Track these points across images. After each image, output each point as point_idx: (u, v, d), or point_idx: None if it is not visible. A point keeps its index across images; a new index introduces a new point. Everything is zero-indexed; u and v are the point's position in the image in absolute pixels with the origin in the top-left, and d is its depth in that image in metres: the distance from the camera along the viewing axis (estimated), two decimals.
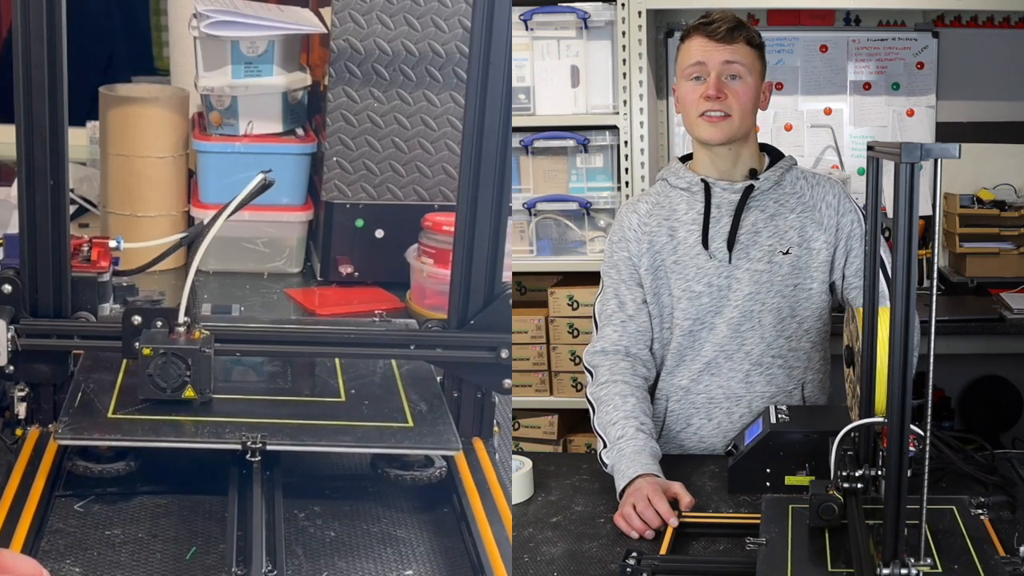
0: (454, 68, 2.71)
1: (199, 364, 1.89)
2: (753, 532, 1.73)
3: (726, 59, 2.20)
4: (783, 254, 2.25)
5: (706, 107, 2.20)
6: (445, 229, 2.54)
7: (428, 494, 1.93)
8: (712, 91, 2.19)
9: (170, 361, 1.88)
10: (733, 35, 2.21)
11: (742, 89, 2.21)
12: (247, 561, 1.62)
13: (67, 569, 1.62)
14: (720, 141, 2.23)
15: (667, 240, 2.28)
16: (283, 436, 1.84)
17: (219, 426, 1.85)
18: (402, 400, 2.02)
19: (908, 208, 1.28)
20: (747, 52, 2.23)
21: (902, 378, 1.31)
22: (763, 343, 2.27)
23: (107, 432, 1.81)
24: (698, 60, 2.21)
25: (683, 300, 2.27)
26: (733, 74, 2.21)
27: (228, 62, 2.82)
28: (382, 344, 2.06)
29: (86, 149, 3.31)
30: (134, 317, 1.93)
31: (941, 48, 3.60)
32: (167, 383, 1.89)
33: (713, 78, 2.20)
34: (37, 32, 1.83)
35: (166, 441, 1.81)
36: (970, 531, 1.66)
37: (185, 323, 1.92)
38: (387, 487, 1.93)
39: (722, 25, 2.21)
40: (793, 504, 1.80)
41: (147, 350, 1.88)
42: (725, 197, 2.26)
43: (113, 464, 1.83)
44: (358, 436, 1.88)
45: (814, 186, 2.30)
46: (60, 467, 1.87)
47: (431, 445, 1.91)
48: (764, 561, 1.62)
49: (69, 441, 1.81)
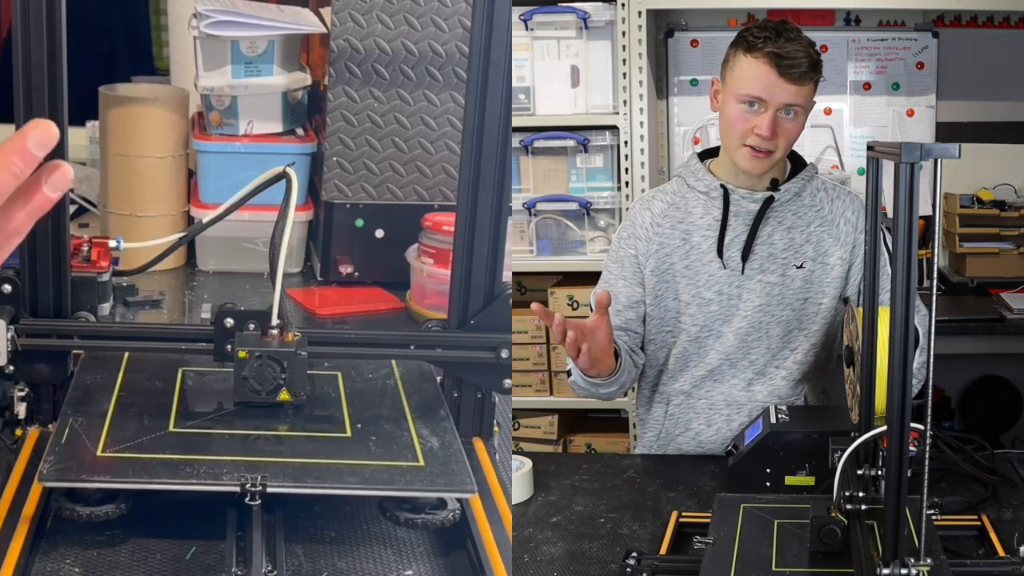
0: (454, 68, 2.71)
1: (294, 367, 1.87)
2: None
3: (789, 102, 2.10)
4: (797, 268, 2.22)
5: (754, 141, 2.12)
6: (445, 229, 2.53)
7: (440, 535, 1.80)
8: (766, 132, 2.10)
9: (265, 364, 1.86)
10: (804, 79, 2.09)
11: (794, 128, 2.13)
12: (247, 561, 1.61)
13: (67, 569, 1.61)
14: (759, 174, 2.19)
15: (680, 243, 2.25)
16: (284, 477, 1.70)
17: (216, 465, 1.71)
18: (412, 436, 1.89)
19: (908, 208, 1.28)
20: (810, 91, 2.12)
21: (902, 378, 1.31)
22: (768, 353, 2.25)
23: (96, 473, 1.68)
24: (760, 95, 2.09)
25: (692, 306, 2.25)
26: (790, 114, 2.12)
27: (228, 62, 2.82)
28: (382, 344, 2.06)
29: (86, 149, 3.30)
30: (227, 320, 1.89)
31: (941, 48, 3.61)
32: (262, 386, 1.86)
33: (770, 117, 2.09)
34: (37, 32, 1.82)
35: (159, 483, 1.67)
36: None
37: (278, 325, 1.90)
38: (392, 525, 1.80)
39: (798, 65, 2.07)
40: (745, 503, 1.79)
41: (243, 353, 1.85)
42: (744, 206, 2.22)
43: (102, 507, 1.68)
44: (365, 477, 1.75)
45: (834, 200, 2.26)
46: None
47: (444, 487, 1.77)
48: (709, 560, 1.61)
49: (55, 484, 1.66)
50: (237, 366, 1.86)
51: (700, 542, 1.68)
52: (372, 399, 2.03)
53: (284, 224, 1.92)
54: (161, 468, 1.70)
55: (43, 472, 1.66)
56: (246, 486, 1.66)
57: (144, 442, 1.77)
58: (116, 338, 2.00)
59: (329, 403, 1.99)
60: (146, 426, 1.83)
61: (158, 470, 1.70)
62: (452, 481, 1.77)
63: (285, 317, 1.92)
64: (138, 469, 1.69)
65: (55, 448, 1.73)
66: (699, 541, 1.69)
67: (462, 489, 1.77)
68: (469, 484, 1.77)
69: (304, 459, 1.77)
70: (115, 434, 1.79)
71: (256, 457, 1.75)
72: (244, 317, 1.90)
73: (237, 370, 1.86)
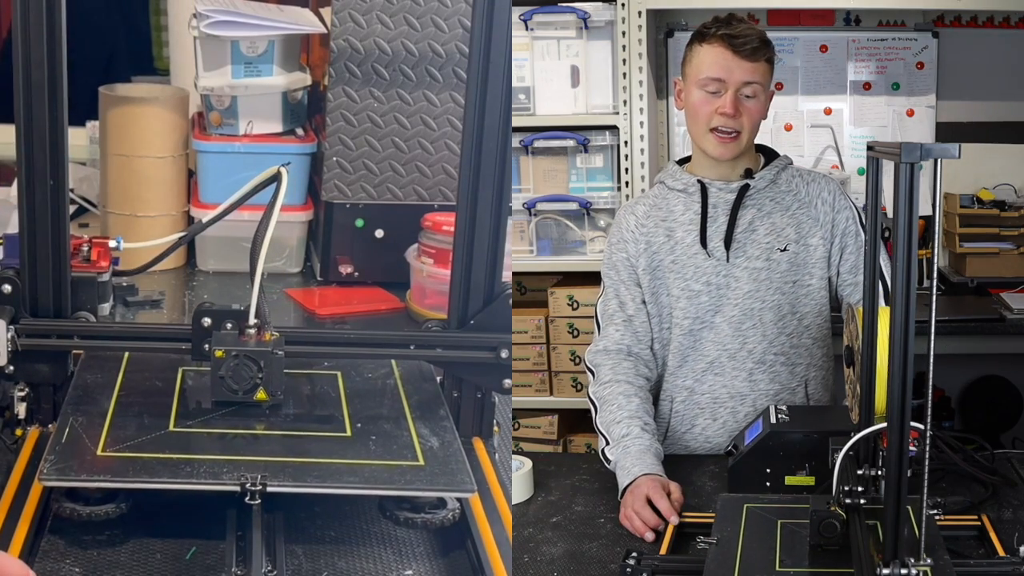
0: (454, 68, 2.71)
1: (271, 366, 1.87)
2: None
3: (747, 79, 2.18)
4: (780, 251, 2.26)
5: (719, 123, 2.20)
6: (445, 229, 2.53)
7: (440, 535, 1.80)
8: (729, 109, 2.18)
9: (242, 363, 1.86)
10: (758, 54, 2.18)
11: (756, 107, 2.21)
12: (247, 561, 1.61)
13: (67, 569, 1.61)
14: (728, 159, 2.25)
15: (665, 240, 2.29)
16: (284, 476, 1.71)
17: (216, 465, 1.72)
18: (412, 436, 1.90)
19: (908, 208, 1.28)
20: (765, 70, 2.21)
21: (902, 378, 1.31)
22: (765, 341, 2.27)
23: (96, 472, 1.68)
24: (718, 76, 2.18)
25: (682, 300, 2.28)
26: (749, 93, 2.19)
27: (228, 62, 2.82)
28: (382, 344, 2.06)
29: (86, 149, 3.30)
30: (204, 319, 1.90)
31: (941, 48, 3.61)
32: (239, 385, 1.86)
33: (731, 96, 2.18)
34: (37, 32, 1.82)
35: (159, 482, 1.68)
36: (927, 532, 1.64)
37: (255, 325, 1.90)
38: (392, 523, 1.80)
39: (750, 41, 2.17)
40: (748, 504, 1.79)
41: (219, 352, 1.86)
42: (721, 196, 2.27)
43: (102, 506, 1.69)
44: (365, 476, 1.75)
45: (809, 183, 2.31)
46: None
47: (444, 487, 1.77)
48: (713, 560, 1.61)
49: (55, 483, 1.67)
50: (214, 365, 1.86)
51: (704, 542, 1.68)
52: (372, 399, 2.03)
53: (268, 223, 1.93)
54: (161, 467, 1.70)
55: (43, 471, 1.67)
56: (246, 485, 1.66)
57: (144, 441, 1.78)
58: (116, 338, 2.00)
59: (329, 403, 1.99)
60: (146, 426, 1.83)
61: (158, 469, 1.70)
62: (452, 481, 1.77)
63: (263, 316, 1.92)
64: (138, 468, 1.70)
65: (55, 447, 1.73)
66: (703, 541, 1.69)
67: (462, 488, 1.77)
68: (469, 484, 1.77)
69: (304, 458, 1.77)
70: (115, 433, 1.79)
71: (256, 456, 1.76)
72: (222, 316, 1.91)
73: (214, 369, 1.86)
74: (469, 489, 1.77)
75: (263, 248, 1.92)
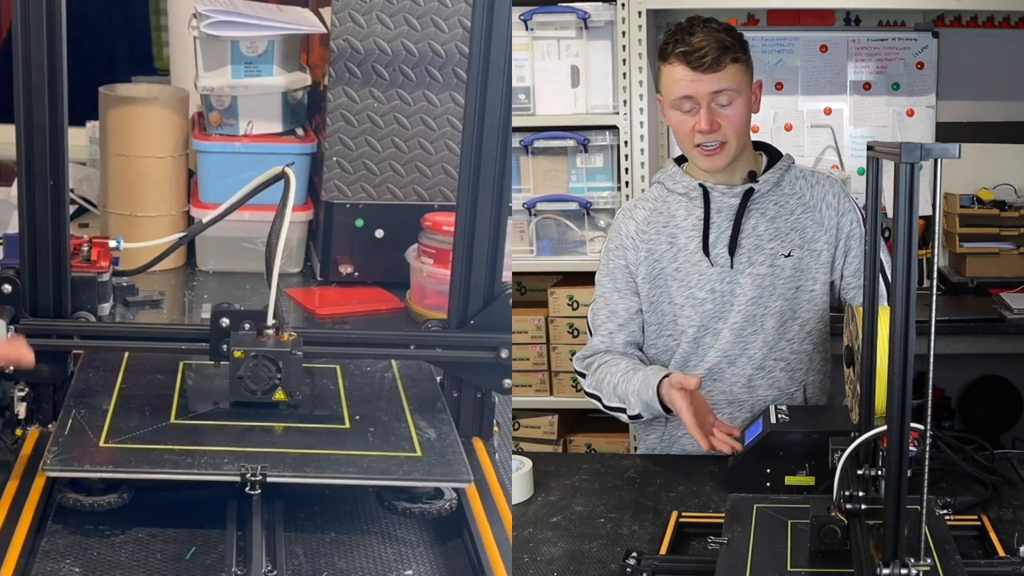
0: (454, 68, 2.71)
1: (290, 366, 1.88)
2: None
3: (714, 89, 2.12)
4: (785, 257, 2.23)
5: (701, 140, 2.15)
6: (445, 229, 2.53)
7: (437, 525, 1.83)
8: (704, 126, 2.12)
9: (261, 364, 1.87)
10: (720, 62, 2.11)
11: (734, 113, 2.15)
12: (247, 561, 1.62)
13: (67, 569, 1.62)
14: (720, 169, 2.21)
15: (667, 248, 2.26)
16: (284, 467, 1.74)
17: (217, 456, 1.75)
18: (409, 428, 1.92)
19: (908, 208, 1.28)
20: (735, 73, 2.13)
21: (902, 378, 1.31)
22: (765, 347, 2.26)
23: (98, 463, 1.72)
24: (686, 94, 2.13)
25: (687, 308, 2.26)
26: (724, 101, 2.13)
27: (228, 62, 2.82)
28: (382, 344, 2.06)
29: (86, 149, 3.31)
30: (222, 319, 1.90)
31: (941, 48, 3.60)
32: (258, 385, 1.87)
33: (704, 112, 2.12)
34: (37, 32, 1.82)
35: (160, 473, 1.71)
36: (933, 531, 1.64)
37: (274, 325, 1.90)
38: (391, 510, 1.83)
39: (707, 54, 2.10)
40: (758, 504, 1.79)
41: (238, 352, 1.86)
42: (725, 202, 2.24)
43: (104, 496, 1.72)
44: (363, 467, 1.78)
45: (813, 185, 2.28)
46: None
47: (441, 477, 1.80)
48: (724, 560, 1.61)
49: (58, 473, 1.70)
50: (233, 366, 1.87)
51: (714, 542, 1.68)
52: (371, 392, 2.06)
53: (281, 224, 1.93)
54: (162, 458, 1.74)
55: (47, 462, 1.70)
56: (246, 476, 1.70)
57: (146, 433, 1.81)
58: (116, 338, 2.00)
59: (328, 396, 2.02)
60: (148, 418, 1.86)
61: (160, 460, 1.74)
62: (449, 471, 1.80)
63: (281, 317, 1.93)
64: (140, 459, 1.73)
65: (58, 439, 1.76)
66: (713, 541, 1.69)
67: (458, 479, 1.81)
68: (465, 474, 1.80)
69: (303, 450, 1.81)
70: (117, 425, 1.82)
71: (256, 448, 1.79)
72: (240, 317, 1.91)
73: (233, 370, 1.87)
74: (466, 479, 1.80)
75: (278, 249, 1.93)
